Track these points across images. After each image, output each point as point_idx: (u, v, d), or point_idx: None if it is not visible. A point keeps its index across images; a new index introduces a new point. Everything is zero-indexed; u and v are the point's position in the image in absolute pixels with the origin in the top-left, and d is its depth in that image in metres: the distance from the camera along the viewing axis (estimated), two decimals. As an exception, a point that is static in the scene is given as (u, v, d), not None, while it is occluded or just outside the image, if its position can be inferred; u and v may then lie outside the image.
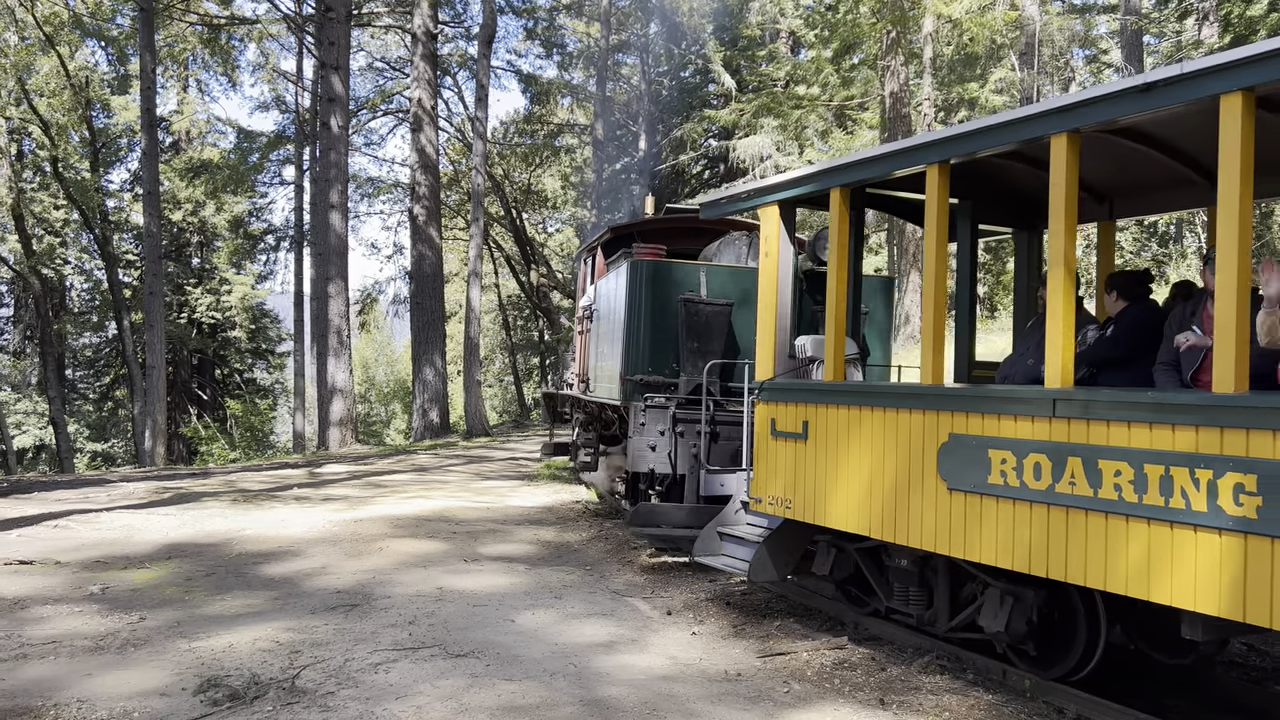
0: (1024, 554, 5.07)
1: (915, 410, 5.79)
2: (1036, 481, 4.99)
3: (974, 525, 5.37)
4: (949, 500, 5.52)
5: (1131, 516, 4.52)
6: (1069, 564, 4.84)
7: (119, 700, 5.12)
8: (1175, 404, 4.44)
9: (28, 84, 32.72)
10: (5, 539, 9.80)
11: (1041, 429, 4.98)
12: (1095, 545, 4.72)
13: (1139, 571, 4.48)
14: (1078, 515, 4.80)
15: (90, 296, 41.34)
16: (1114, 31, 28.04)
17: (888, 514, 5.97)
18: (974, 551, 5.37)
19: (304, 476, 16.82)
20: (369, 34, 38.12)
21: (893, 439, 5.96)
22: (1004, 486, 5.17)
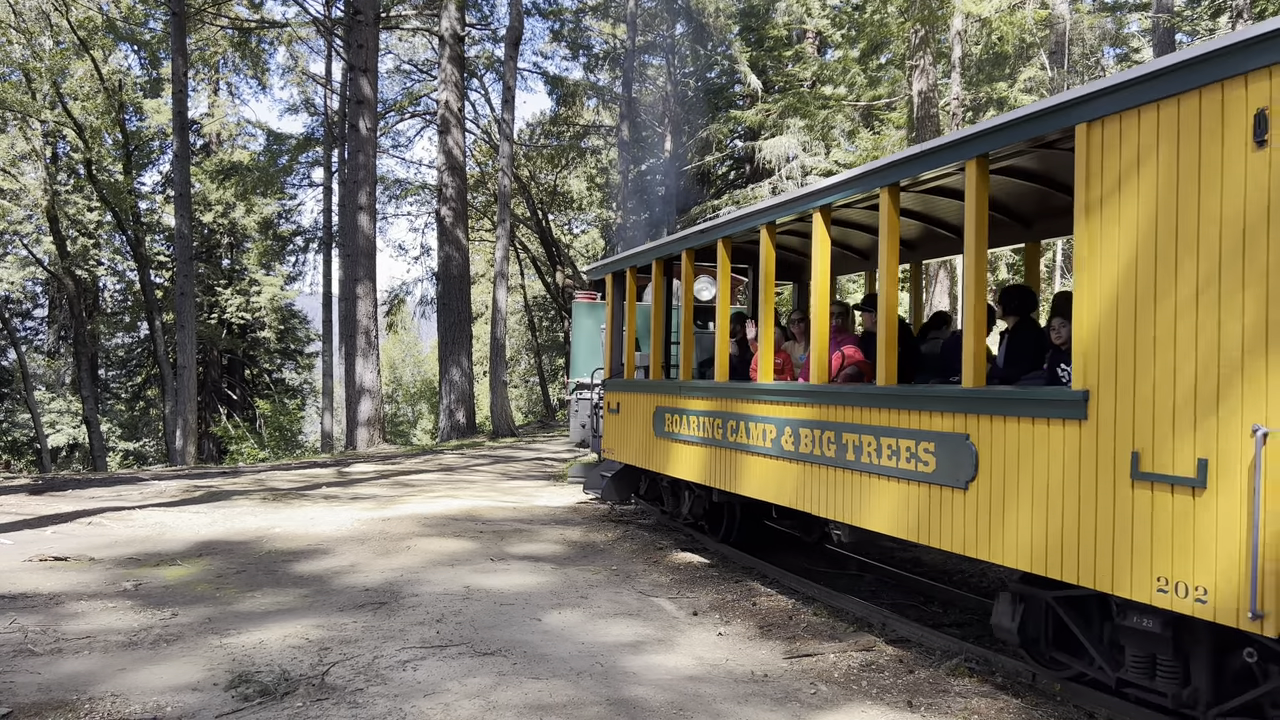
0: (691, 470, 9.32)
1: (645, 394, 10.43)
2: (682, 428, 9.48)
3: (668, 457, 9.82)
4: (660, 443, 10.04)
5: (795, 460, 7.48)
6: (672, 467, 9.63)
7: (152, 695, 5.19)
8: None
9: (62, 88, 33.19)
10: (40, 536, 9.95)
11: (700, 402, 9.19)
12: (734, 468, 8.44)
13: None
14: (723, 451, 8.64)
15: (123, 297, 41.87)
16: (1146, 30, 27.73)
17: (643, 453, 10.44)
18: (665, 468, 9.90)
19: (332, 476, 16.95)
20: (397, 37, 38.37)
21: (642, 410, 10.45)
22: (683, 436, 9.39)
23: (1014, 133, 5.31)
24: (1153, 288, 4.44)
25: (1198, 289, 4.21)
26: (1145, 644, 4.85)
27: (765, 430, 7.81)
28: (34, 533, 10.11)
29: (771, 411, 7.74)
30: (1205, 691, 4.69)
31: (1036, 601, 5.62)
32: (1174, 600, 4.28)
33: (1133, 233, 4.56)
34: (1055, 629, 5.62)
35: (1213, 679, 4.68)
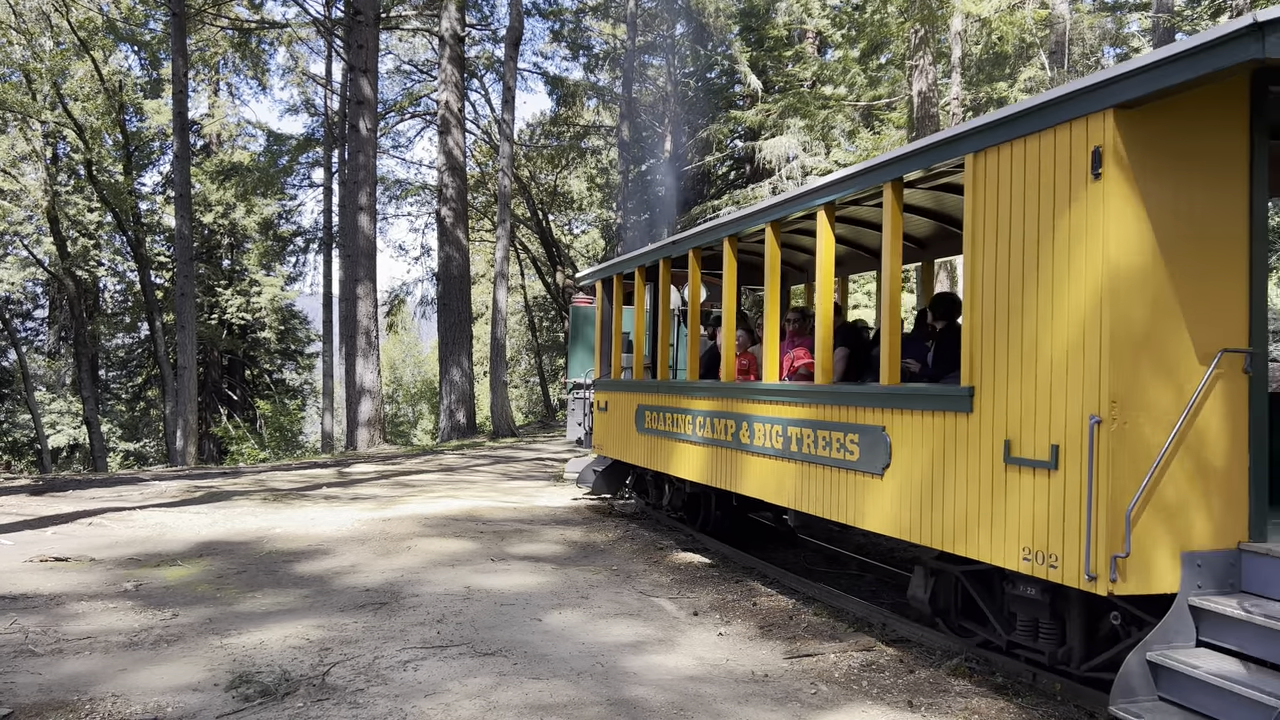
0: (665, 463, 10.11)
1: (628, 393, 11.26)
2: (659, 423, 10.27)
3: (648, 451, 10.61)
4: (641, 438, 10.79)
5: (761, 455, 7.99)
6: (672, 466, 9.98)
7: (152, 695, 5.19)
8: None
9: (63, 88, 33.18)
10: (41, 536, 9.96)
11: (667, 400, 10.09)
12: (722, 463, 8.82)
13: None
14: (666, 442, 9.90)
15: (123, 298, 41.87)
16: (1146, 29, 27.72)
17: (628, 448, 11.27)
18: (645, 462, 10.75)
19: (333, 476, 16.96)
20: (397, 37, 38.36)
21: (627, 409, 11.19)
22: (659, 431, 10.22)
23: (919, 160, 6.01)
24: (1021, 297, 5.13)
25: (1052, 299, 4.90)
26: (1029, 610, 5.53)
27: (726, 425, 8.60)
28: (35, 533, 10.11)
29: (730, 408, 8.58)
30: (1078, 650, 5.35)
31: (947, 575, 6.29)
32: (1034, 567, 4.94)
33: (1005, 250, 5.27)
34: (964, 600, 6.28)
35: (1085, 639, 5.33)
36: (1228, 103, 4.71)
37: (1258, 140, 4.73)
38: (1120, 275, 4.57)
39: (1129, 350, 4.56)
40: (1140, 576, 4.54)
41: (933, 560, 6.28)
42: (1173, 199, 4.64)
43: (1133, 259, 4.58)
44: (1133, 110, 4.58)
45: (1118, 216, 4.57)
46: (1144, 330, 4.59)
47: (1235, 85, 4.68)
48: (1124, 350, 4.56)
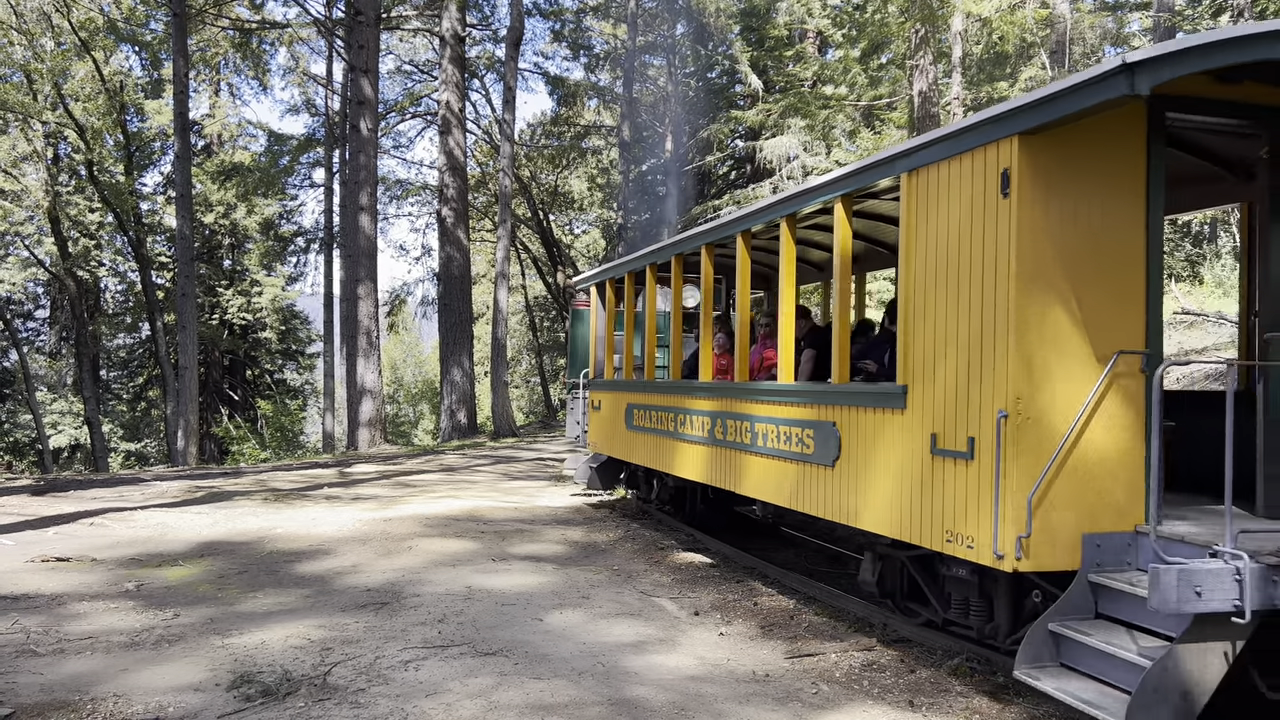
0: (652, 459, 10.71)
1: (618, 392, 11.90)
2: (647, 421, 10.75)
3: (635, 447, 11.21)
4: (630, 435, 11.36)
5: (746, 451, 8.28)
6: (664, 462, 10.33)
7: (154, 695, 5.20)
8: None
9: (64, 89, 33.20)
10: (43, 536, 9.97)
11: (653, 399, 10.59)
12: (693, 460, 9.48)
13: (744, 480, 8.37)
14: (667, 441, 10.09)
15: (124, 298, 41.90)
16: (1147, 29, 27.71)
17: (618, 444, 11.91)
18: (633, 457, 11.43)
19: (334, 476, 16.97)
20: (398, 37, 38.36)
21: (617, 407, 11.85)
22: (646, 428, 10.72)
23: (863, 178, 6.56)
24: (944, 303, 5.63)
25: (969, 305, 5.42)
26: (962, 589, 6.02)
27: (704, 422, 9.18)
28: (36, 533, 10.12)
29: (701, 405, 9.21)
30: (1004, 625, 5.78)
31: (893, 560, 6.81)
32: (955, 548, 5.45)
33: (932, 260, 5.76)
34: (909, 583, 6.78)
35: (1011, 616, 5.76)
36: (1128, 127, 5.15)
37: (1154, 162, 5.18)
38: (1025, 284, 5.03)
39: (1032, 352, 5.04)
40: (1042, 555, 5.01)
41: (883, 547, 6.74)
42: (1074, 215, 5.11)
43: (1037, 270, 5.05)
44: (1035, 136, 5.04)
45: (1022, 231, 5.04)
46: (1046, 334, 5.06)
47: (1135, 111, 5.07)
48: (1027, 352, 5.04)
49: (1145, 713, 4.29)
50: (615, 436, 12.03)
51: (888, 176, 6.26)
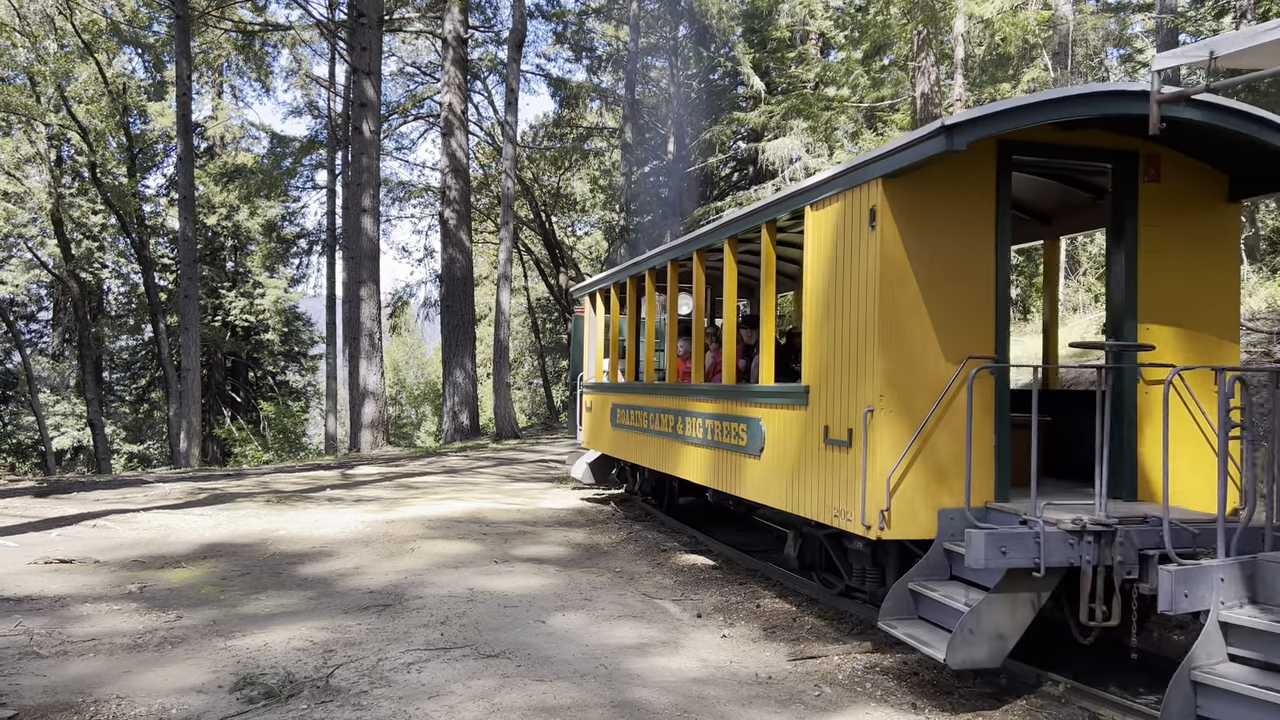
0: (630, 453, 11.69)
1: (606, 394, 12.85)
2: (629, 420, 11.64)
3: (619, 443, 12.15)
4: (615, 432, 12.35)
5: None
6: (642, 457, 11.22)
7: (157, 697, 5.20)
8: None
9: (67, 91, 33.24)
10: (45, 538, 9.98)
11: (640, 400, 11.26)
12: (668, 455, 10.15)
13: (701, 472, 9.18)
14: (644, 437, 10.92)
15: (127, 300, 41.94)
16: (1149, 30, 27.69)
17: (606, 441, 12.85)
18: (617, 453, 12.40)
19: (337, 478, 16.97)
20: (400, 39, 38.39)
21: (605, 407, 12.77)
22: (626, 426, 11.71)
23: (781, 207, 7.48)
24: (833, 316, 6.57)
25: (849, 318, 6.36)
26: (860, 560, 6.94)
27: (666, 419, 10.20)
28: (39, 535, 10.13)
29: (665, 404, 10.26)
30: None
31: (812, 537, 7.72)
32: (839, 521, 6.39)
33: (825, 280, 6.74)
34: (825, 557, 7.65)
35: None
36: (980, 168, 6.07)
37: (1002, 198, 6.13)
38: (887, 300, 5.97)
39: (893, 357, 5.97)
40: (901, 526, 5.94)
41: (806, 526, 7.57)
42: (932, 244, 6.03)
43: (897, 289, 5.98)
44: (896, 179, 5.96)
45: (885, 259, 5.97)
46: (905, 342, 5.98)
47: (986, 155, 6.03)
48: (889, 357, 5.97)
49: (965, 649, 5.26)
50: (603, 434, 13.08)
51: (797, 208, 7.18)
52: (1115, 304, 6.52)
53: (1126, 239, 6.41)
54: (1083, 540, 5.23)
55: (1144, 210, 6.43)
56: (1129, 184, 6.42)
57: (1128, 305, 6.38)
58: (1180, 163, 6.49)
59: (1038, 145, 6.14)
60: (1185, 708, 4.46)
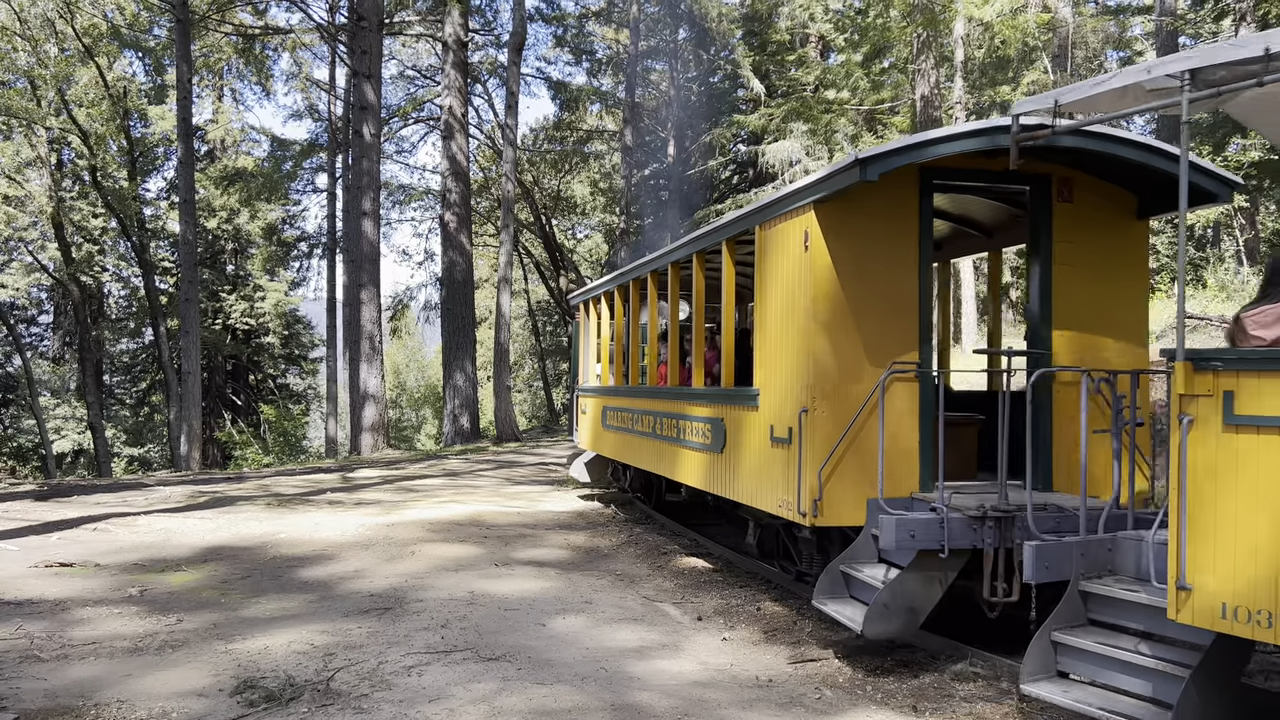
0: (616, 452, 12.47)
1: (597, 397, 13.54)
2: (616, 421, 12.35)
3: (608, 443, 12.87)
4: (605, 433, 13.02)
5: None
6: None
7: (157, 700, 5.20)
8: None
9: (67, 94, 33.25)
10: (46, 542, 9.98)
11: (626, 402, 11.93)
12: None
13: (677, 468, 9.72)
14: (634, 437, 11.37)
15: (127, 303, 41.91)
16: (1149, 33, 27.71)
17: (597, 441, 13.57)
18: (605, 451, 13.14)
19: (337, 481, 16.97)
20: (400, 42, 38.40)
21: (597, 409, 13.47)
22: (614, 426, 12.39)
23: (737, 226, 8.13)
24: (777, 327, 7.22)
25: (789, 329, 7.01)
26: (807, 547, 7.59)
27: (645, 420, 10.91)
28: (40, 539, 10.13)
29: (648, 407, 10.88)
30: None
31: (771, 526, 8.32)
32: (782, 510, 7.05)
33: (772, 294, 7.37)
34: (782, 546, 8.24)
35: None
36: (905, 195, 6.66)
37: (924, 221, 6.72)
38: (819, 314, 6.61)
39: (823, 364, 6.60)
40: (832, 514, 6.59)
41: (765, 518, 8.05)
42: (859, 263, 6.64)
43: (827, 304, 6.61)
44: (826, 205, 6.58)
45: (815, 277, 6.62)
46: (834, 350, 6.62)
47: (910, 182, 6.61)
48: (820, 364, 6.60)
49: (880, 621, 5.93)
50: (596, 434, 13.77)
51: (749, 227, 7.86)
52: (1032, 312, 7.12)
53: (1042, 253, 7.00)
54: (984, 525, 5.89)
55: (1058, 227, 7.01)
56: (1044, 204, 7.01)
57: (1043, 313, 6.95)
58: (1091, 184, 7.05)
59: (960, 171, 6.70)
60: (1045, 662, 5.01)
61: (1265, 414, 4.02)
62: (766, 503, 7.36)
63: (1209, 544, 4.21)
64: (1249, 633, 4.09)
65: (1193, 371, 4.30)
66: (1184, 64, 4.11)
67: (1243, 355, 4.23)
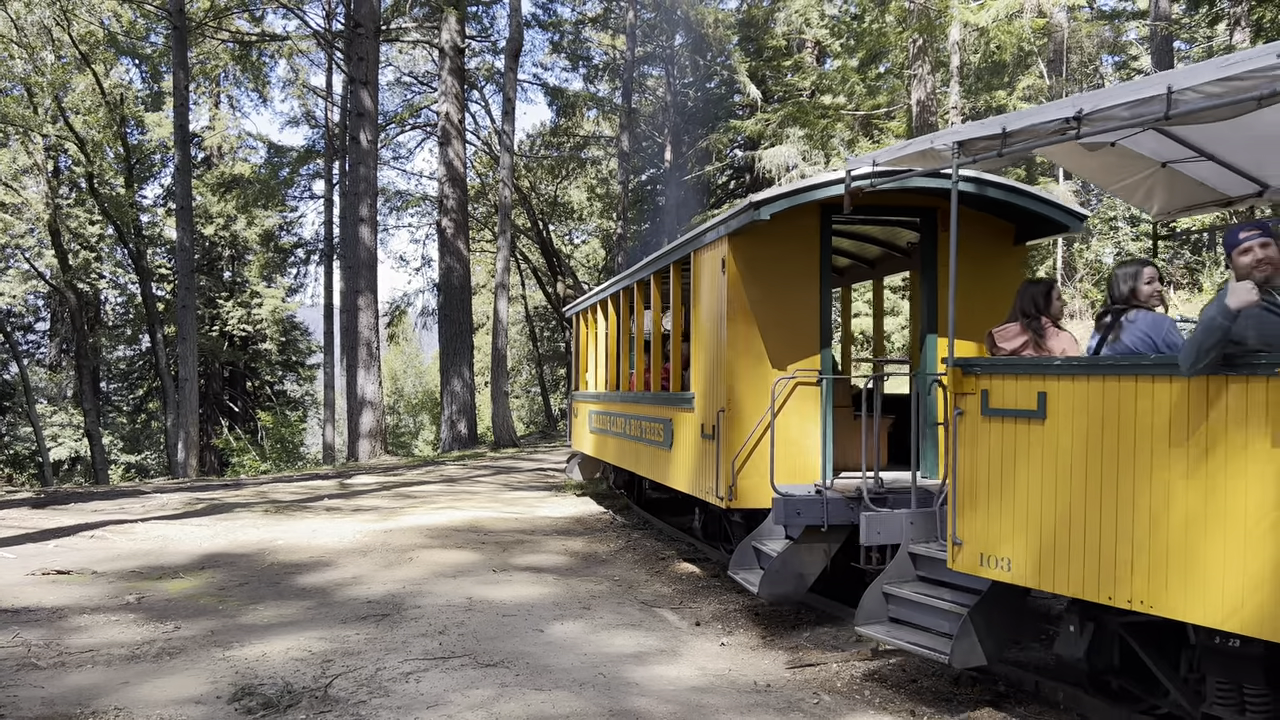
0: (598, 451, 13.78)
1: (585, 401, 14.64)
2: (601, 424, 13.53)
3: (592, 443, 14.10)
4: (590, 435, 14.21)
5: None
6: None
7: (155, 708, 5.19)
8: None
9: (64, 101, 33.23)
10: (43, 549, 9.96)
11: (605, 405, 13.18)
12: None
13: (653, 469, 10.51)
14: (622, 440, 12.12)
15: (124, 310, 41.87)
16: (1144, 37, 27.79)
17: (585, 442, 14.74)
18: (590, 451, 14.24)
19: (335, 487, 16.96)
20: (397, 49, 38.41)
21: (585, 412, 14.58)
22: (597, 429, 13.63)
23: (681, 250, 9.17)
24: (708, 339, 8.31)
25: (712, 342, 8.15)
26: (738, 530, 8.46)
27: (615, 421, 12.27)
28: (36, 546, 10.11)
29: (618, 409, 12.18)
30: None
31: (713, 513, 9.40)
32: (709, 497, 8.07)
33: (703, 311, 8.51)
34: (722, 529, 9.31)
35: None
36: (808, 226, 7.76)
37: (824, 250, 7.88)
38: (733, 327, 7.73)
39: (736, 371, 7.71)
40: (745, 498, 7.62)
41: (709, 505, 8.77)
42: (769, 286, 7.75)
43: (739, 318, 7.72)
44: (739, 236, 7.70)
45: (731, 298, 7.74)
46: (746, 360, 7.72)
47: (812, 215, 7.69)
48: (733, 370, 7.72)
49: (771, 584, 7.05)
50: (583, 436, 15.00)
51: (689, 252, 8.91)
52: (920, 326, 8.18)
53: (928, 276, 8.11)
54: (859, 504, 6.89)
55: (942, 254, 7.85)
56: (931, 233, 8.10)
57: (928, 326, 8.04)
58: (974, 216, 8.02)
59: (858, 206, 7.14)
60: (877, 609, 6.03)
61: (1007, 406, 5.17)
62: (700, 490, 8.38)
63: (972, 507, 5.36)
64: (996, 575, 5.20)
65: (962, 375, 5.42)
66: (954, 138, 5.37)
67: (992, 363, 5.40)
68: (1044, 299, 5.99)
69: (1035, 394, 4.99)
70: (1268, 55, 3.76)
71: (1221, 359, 4.09)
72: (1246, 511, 3.96)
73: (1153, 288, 5.17)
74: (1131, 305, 5.14)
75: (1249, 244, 4.56)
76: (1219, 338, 4.06)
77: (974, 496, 5.34)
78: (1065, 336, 5.96)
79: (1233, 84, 3.94)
